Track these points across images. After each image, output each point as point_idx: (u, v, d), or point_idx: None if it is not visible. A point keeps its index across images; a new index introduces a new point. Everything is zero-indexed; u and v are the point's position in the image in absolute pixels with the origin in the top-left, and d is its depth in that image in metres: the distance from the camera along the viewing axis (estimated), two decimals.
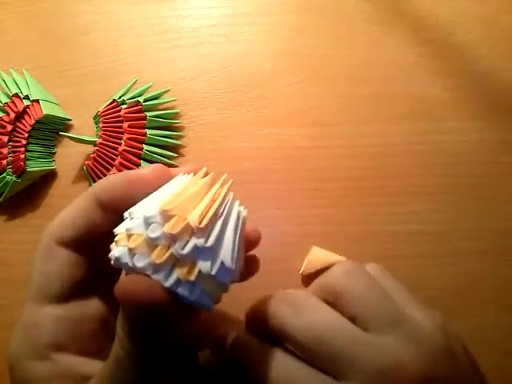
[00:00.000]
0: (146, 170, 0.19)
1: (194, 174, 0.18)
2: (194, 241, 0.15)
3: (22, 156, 0.32)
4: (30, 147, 0.33)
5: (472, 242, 0.31)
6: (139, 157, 0.33)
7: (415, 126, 0.34)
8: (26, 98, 0.34)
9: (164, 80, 0.36)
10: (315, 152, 0.33)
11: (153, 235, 0.15)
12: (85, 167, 0.33)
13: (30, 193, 0.33)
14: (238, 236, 0.17)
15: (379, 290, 0.21)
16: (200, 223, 0.16)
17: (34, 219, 0.33)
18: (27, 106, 0.33)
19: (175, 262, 0.16)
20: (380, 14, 0.38)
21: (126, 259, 0.16)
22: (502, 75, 0.36)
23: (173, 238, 0.15)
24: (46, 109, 0.33)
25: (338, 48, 0.37)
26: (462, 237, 0.32)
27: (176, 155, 0.34)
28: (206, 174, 0.18)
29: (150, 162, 0.33)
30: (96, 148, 0.33)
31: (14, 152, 0.32)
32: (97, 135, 0.33)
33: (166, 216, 0.16)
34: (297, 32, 0.37)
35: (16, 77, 0.35)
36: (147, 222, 0.16)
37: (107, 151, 0.32)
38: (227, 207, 0.17)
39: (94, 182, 0.32)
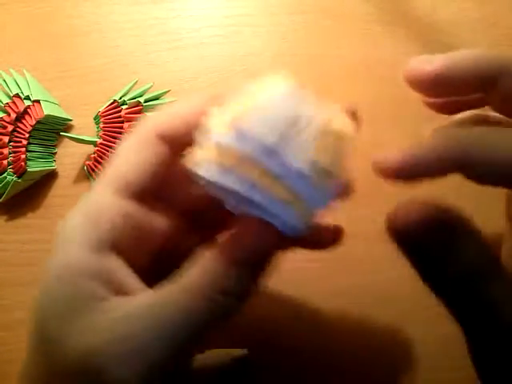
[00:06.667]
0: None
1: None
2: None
3: (23, 156, 0.32)
4: (30, 147, 0.33)
5: None
6: None
7: (417, 126, 0.34)
8: (27, 98, 0.34)
9: (164, 81, 0.36)
10: None
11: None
12: (85, 167, 0.33)
13: (30, 193, 0.33)
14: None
15: None
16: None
17: (34, 219, 0.33)
18: (28, 107, 0.33)
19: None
20: (381, 15, 0.38)
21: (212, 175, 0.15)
22: None
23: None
24: (47, 109, 0.33)
25: (339, 48, 0.37)
26: None
27: None
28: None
29: None
30: (96, 148, 0.33)
31: (15, 152, 0.33)
32: (97, 135, 0.33)
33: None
34: (297, 32, 0.37)
35: (17, 77, 0.35)
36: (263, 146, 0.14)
37: (108, 151, 0.33)
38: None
39: (95, 181, 0.32)
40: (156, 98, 0.35)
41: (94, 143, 0.33)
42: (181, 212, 0.20)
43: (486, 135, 0.15)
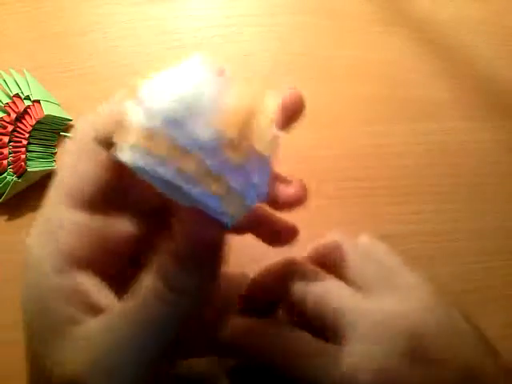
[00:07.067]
0: None
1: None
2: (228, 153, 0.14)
3: (23, 156, 0.32)
4: (30, 147, 0.33)
5: (472, 242, 0.32)
6: None
7: (416, 126, 0.34)
8: (27, 98, 0.34)
9: None
10: (316, 152, 0.34)
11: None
12: None
13: (30, 193, 0.33)
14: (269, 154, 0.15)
15: (371, 257, 0.22)
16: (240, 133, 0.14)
17: (34, 219, 0.32)
18: (28, 107, 0.33)
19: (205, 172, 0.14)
20: (382, 15, 0.38)
21: (136, 159, 0.14)
22: (504, 75, 0.36)
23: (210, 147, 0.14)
24: (47, 109, 0.33)
25: (339, 48, 0.37)
26: (461, 236, 0.32)
27: None
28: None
29: None
30: None
31: (15, 152, 0.33)
32: None
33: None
34: (298, 32, 0.37)
35: (17, 77, 0.35)
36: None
37: None
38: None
39: None
40: None
41: None
42: (143, 211, 0.19)
43: None
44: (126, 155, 0.14)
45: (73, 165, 0.17)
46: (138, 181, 0.16)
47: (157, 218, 0.20)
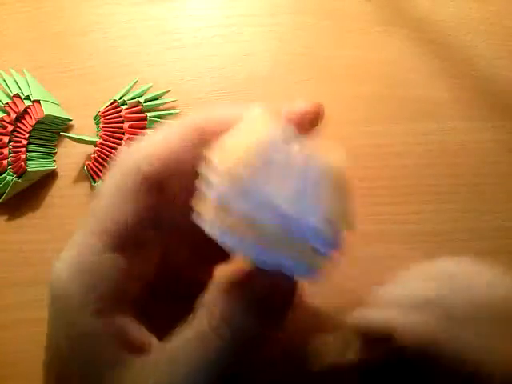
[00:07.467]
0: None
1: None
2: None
3: (23, 156, 0.32)
4: (30, 147, 0.33)
5: (472, 242, 0.32)
6: None
7: (416, 126, 0.34)
8: (27, 98, 0.34)
9: (164, 81, 0.36)
10: None
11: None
12: (85, 167, 0.33)
13: (30, 193, 0.33)
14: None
15: (460, 285, 0.21)
16: None
17: (34, 219, 0.33)
18: (28, 107, 0.33)
19: None
20: (381, 15, 0.38)
21: (216, 231, 0.14)
22: (504, 75, 0.36)
23: None
24: (47, 109, 0.33)
25: (339, 48, 0.37)
26: (461, 236, 0.32)
27: None
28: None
29: None
30: (96, 148, 0.33)
31: (15, 152, 0.33)
32: (97, 135, 0.33)
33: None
34: (297, 33, 0.37)
35: (17, 77, 0.35)
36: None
37: (108, 151, 0.33)
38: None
39: (95, 182, 0.32)
40: (156, 98, 0.35)
41: (93, 143, 0.33)
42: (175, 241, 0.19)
43: None
44: (207, 227, 0.15)
45: (113, 203, 0.17)
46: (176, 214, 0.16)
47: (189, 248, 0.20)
